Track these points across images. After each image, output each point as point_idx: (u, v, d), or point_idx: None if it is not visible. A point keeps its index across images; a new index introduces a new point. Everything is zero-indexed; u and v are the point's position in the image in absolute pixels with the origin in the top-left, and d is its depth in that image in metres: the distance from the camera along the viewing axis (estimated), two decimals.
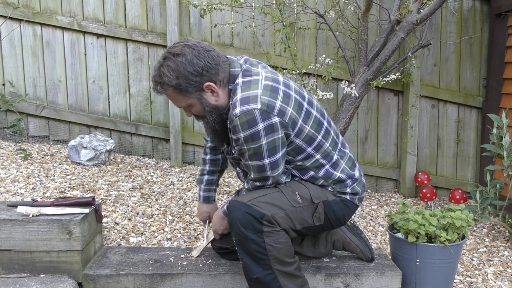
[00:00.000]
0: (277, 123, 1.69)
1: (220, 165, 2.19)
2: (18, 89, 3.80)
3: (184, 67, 1.69)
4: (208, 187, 2.20)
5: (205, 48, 1.73)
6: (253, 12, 3.60)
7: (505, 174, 2.78)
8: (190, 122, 3.80)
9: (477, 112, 3.76)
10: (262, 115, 1.67)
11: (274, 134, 1.70)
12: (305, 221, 1.85)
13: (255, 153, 1.73)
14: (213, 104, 1.77)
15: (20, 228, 1.97)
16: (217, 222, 2.05)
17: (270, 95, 1.70)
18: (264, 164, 1.75)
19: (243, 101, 1.69)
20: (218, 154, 2.17)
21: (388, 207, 3.45)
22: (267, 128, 1.68)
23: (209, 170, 2.18)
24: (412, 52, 3.28)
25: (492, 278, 2.44)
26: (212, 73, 1.72)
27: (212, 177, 2.20)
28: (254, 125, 1.67)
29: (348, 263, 2.13)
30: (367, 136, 3.78)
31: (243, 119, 1.67)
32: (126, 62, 3.77)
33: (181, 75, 1.69)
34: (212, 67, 1.72)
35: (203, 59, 1.70)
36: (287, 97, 1.74)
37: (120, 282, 1.99)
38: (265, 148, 1.71)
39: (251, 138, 1.69)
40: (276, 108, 1.69)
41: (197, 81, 1.71)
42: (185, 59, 1.69)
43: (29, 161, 3.38)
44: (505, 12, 3.40)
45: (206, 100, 1.76)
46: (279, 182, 1.83)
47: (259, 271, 1.76)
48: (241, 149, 1.76)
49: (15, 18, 3.70)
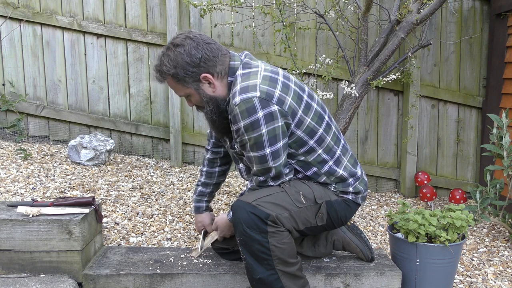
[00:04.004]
0: (276, 111, 1.70)
1: (215, 178, 2.23)
2: (18, 89, 3.80)
3: (182, 57, 1.74)
4: (199, 198, 2.24)
5: (206, 40, 1.78)
6: (253, 12, 3.59)
7: (505, 174, 2.78)
8: (190, 122, 3.80)
9: (477, 112, 3.76)
10: (261, 103, 1.69)
11: (274, 123, 1.71)
12: (308, 222, 1.86)
13: (256, 142, 1.74)
14: (210, 94, 1.80)
15: (20, 228, 1.97)
16: (225, 229, 2.05)
17: (269, 84, 1.73)
18: (266, 154, 1.75)
19: (242, 90, 1.71)
20: (214, 167, 2.21)
21: (388, 207, 3.45)
22: (267, 116, 1.70)
23: (203, 182, 2.23)
24: (412, 52, 3.28)
25: (492, 278, 2.44)
26: (210, 65, 1.76)
27: (205, 189, 2.23)
28: (253, 113, 1.69)
29: (348, 263, 2.14)
30: (367, 136, 3.78)
31: (243, 107, 1.69)
32: (126, 62, 3.77)
33: (179, 65, 1.74)
34: (210, 59, 1.76)
35: (201, 50, 1.74)
36: (286, 87, 1.76)
37: (120, 282, 1.99)
38: (266, 137, 1.72)
39: (251, 126, 1.70)
40: (275, 96, 1.71)
41: (194, 71, 1.75)
42: (183, 50, 1.74)
43: (29, 161, 3.38)
44: (505, 12, 3.40)
45: (203, 91, 1.80)
46: (281, 173, 1.83)
47: (262, 271, 1.76)
48: (242, 140, 1.77)
49: (15, 18, 3.70)
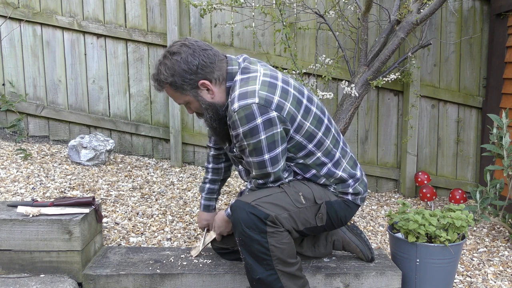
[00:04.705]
0: (275, 117, 1.70)
1: (222, 173, 2.21)
2: (18, 89, 3.80)
3: (179, 65, 1.73)
4: (209, 196, 2.22)
5: (202, 47, 1.77)
6: (253, 12, 3.59)
7: (505, 174, 2.78)
8: (190, 122, 3.80)
9: (477, 112, 3.76)
10: (260, 109, 1.68)
11: (273, 129, 1.71)
12: (307, 222, 1.85)
13: (255, 148, 1.74)
14: (209, 101, 1.80)
15: (20, 228, 1.97)
16: (222, 226, 2.04)
17: (268, 90, 1.72)
18: (264, 160, 1.75)
19: (241, 96, 1.71)
20: (220, 163, 2.19)
21: (388, 207, 3.45)
22: (265, 123, 1.69)
23: (211, 179, 2.21)
24: (412, 52, 3.28)
25: (492, 278, 2.44)
26: (207, 71, 1.76)
27: (214, 186, 2.22)
28: (252, 120, 1.68)
29: (348, 263, 2.14)
30: (367, 136, 3.78)
31: (241, 114, 1.68)
32: (126, 62, 3.77)
33: (176, 73, 1.74)
34: (207, 65, 1.75)
35: (198, 57, 1.74)
36: (285, 93, 1.75)
37: (120, 282, 1.99)
38: (264, 143, 1.72)
39: (250, 133, 1.70)
40: (274, 103, 1.71)
41: (191, 79, 1.75)
42: (180, 57, 1.73)
43: (29, 161, 3.38)
44: (505, 12, 3.40)
45: (202, 97, 1.79)
46: (280, 178, 1.83)
47: (261, 271, 1.76)
48: (241, 145, 1.77)
49: (15, 18, 3.70)
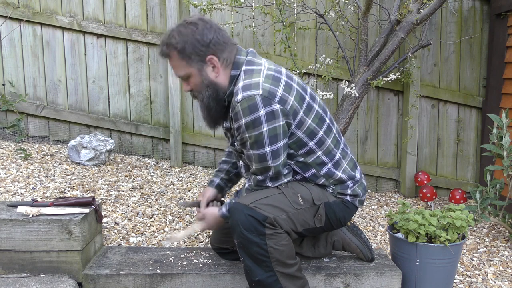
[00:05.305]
0: (278, 110, 1.70)
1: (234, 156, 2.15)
2: (18, 89, 3.80)
3: (193, 34, 1.74)
4: (216, 173, 2.18)
5: (218, 26, 1.80)
6: (253, 12, 3.59)
7: (505, 174, 2.78)
8: (190, 122, 3.80)
9: (477, 112, 3.76)
10: (263, 101, 1.68)
11: (275, 122, 1.71)
12: (306, 223, 1.85)
13: (256, 141, 1.73)
14: (212, 79, 1.79)
15: (20, 228, 1.97)
16: (212, 223, 1.98)
17: (272, 83, 1.73)
18: (265, 153, 1.75)
19: (245, 87, 1.71)
20: None
21: (388, 207, 3.45)
22: (268, 115, 1.69)
23: (223, 160, 2.18)
24: (412, 52, 3.28)
25: (492, 278, 2.44)
26: (218, 49, 1.76)
27: (224, 165, 2.17)
28: (255, 111, 1.68)
29: (348, 263, 2.14)
30: (367, 136, 3.78)
31: (245, 105, 1.69)
32: (126, 62, 3.77)
33: (189, 41, 1.74)
34: (220, 43, 1.76)
35: (213, 33, 1.75)
36: (288, 87, 1.76)
37: (120, 282, 1.99)
38: (266, 136, 1.71)
39: (252, 124, 1.70)
40: (278, 95, 1.71)
41: (202, 50, 1.75)
42: (196, 28, 1.75)
43: (29, 161, 3.38)
44: (505, 12, 3.40)
45: (206, 73, 1.79)
46: (280, 173, 1.82)
47: (261, 273, 1.76)
48: (243, 138, 1.76)
49: (15, 18, 3.70)
